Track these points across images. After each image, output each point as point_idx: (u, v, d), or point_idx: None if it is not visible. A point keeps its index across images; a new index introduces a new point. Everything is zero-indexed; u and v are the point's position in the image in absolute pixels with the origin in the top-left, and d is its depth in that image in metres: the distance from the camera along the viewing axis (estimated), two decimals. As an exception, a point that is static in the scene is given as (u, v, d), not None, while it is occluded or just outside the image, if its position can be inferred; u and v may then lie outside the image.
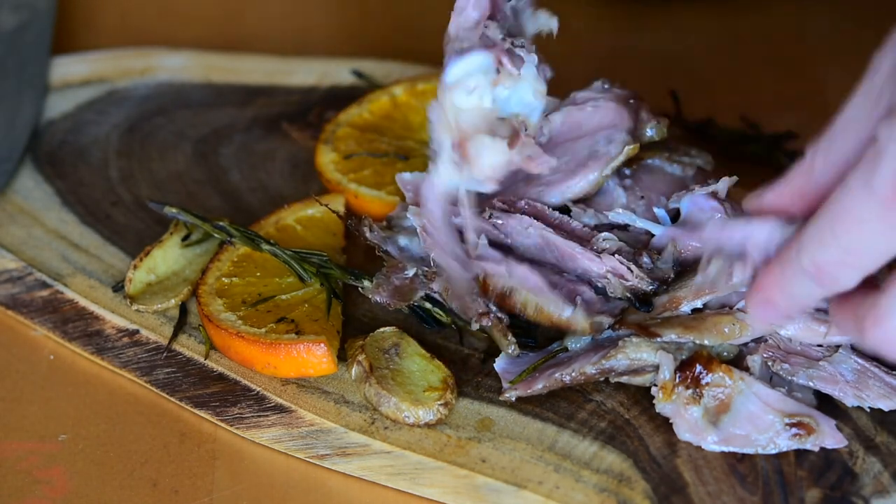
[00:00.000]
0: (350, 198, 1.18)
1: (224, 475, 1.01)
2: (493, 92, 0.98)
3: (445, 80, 0.99)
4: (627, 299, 1.02)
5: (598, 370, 1.00)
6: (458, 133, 0.98)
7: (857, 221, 0.83)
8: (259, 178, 1.24)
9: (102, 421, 1.05)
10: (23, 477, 1.01)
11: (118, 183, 1.24)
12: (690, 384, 0.98)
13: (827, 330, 0.99)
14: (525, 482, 0.97)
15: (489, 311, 1.03)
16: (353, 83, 1.33)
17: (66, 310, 1.12)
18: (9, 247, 1.17)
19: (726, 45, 1.43)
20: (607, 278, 1.02)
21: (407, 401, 1.00)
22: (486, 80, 0.98)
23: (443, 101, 0.99)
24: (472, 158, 0.98)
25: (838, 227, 0.84)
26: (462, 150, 0.98)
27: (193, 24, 1.43)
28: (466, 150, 0.98)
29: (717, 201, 1.04)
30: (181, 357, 1.08)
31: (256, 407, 1.04)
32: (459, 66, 0.99)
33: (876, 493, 0.95)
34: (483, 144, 0.98)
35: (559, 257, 1.04)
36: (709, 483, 0.96)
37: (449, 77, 0.99)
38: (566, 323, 1.01)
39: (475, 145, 0.98)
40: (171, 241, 1.14)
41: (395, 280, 1.06)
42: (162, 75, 1.35)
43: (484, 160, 0.98)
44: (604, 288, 1.03)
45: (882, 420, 1.00)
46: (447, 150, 0.99)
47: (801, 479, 0.96)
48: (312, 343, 1.03)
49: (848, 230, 0.84)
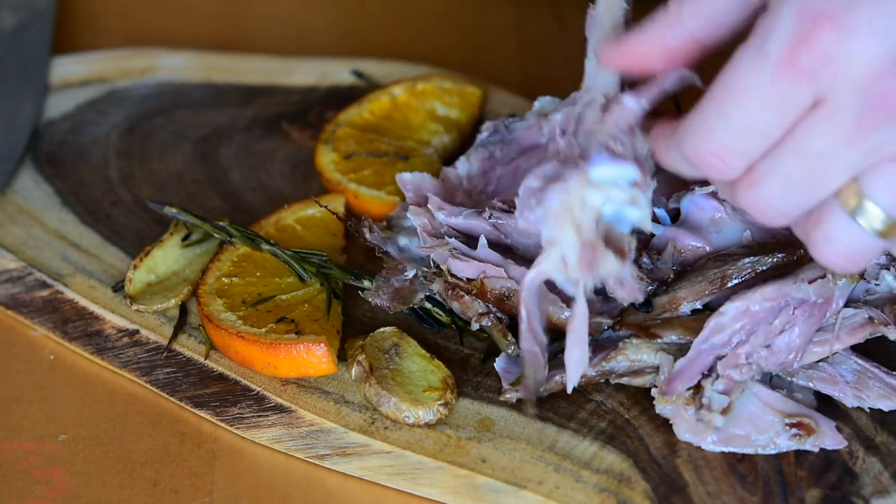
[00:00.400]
0: (350, 198, 1.18)
1: (224, 475, 1.01)
2: (621, 206, 0.93)
3: (590, 175, 0.92)
4: (627, 299, 1.02)
5: (598, 372, 1.00)
6: (584, 235, 0.92)
7: (749, 95, 0.80)
8: (259, 178, 1.24)
9: (102, 421, 1.05)
10: (23, 477, 1.01)
11: (118, 183, 1.24)
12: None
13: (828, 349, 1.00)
14: (525, 482, 0.97)
15: (489, 312, 1.03)
16: (353, 83, 1.33)
17: (66, 310, 1.12)
18: (9, 247, 1.17)
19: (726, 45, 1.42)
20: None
21: (407, 401, 1.00)
22: (625, 194, 0.92)
23: (574, 191, 0.93)
24: (592, 266, 0.93)
25: (729, 104, 0.81)
26: (587, 255, 0.92)
27: (193, 24, 1.43)
28: (592, 257, 0.92)
29: (717, 201, 1.04)
30: (181, 357, 1.08)
31: (256, 407, 1.04)
32: (610, 170, 0.93)
33: (876, 493, 0.95)
34: (607, 258, 0.92)
35: (559, 257, 1.04)
36: (709, 483, 0.96)
37: (595, 175, 0.92)
38: (565, 324, 1.01)
39: (601, 257, 0.92)
40: (171, 241, 1.14)
41: (395, 282, 1.06)
42: (162, 75, 1.35)
43: (601, 271, 0.93)
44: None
45: (882, 420, 1.00)
46: (569, 247, 0.93)
47: (801, 479, 0.96)
48: (312, 343, 1.03)
49: (739, 106, 0.81)
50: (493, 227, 1.06)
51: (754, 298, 0.97)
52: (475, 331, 1.05)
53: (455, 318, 1.07)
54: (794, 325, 0.98)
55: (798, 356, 0.98)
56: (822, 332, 0.99)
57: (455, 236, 1.06)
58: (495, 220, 1.05)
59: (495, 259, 1.03)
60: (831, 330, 0.99)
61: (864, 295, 1.02)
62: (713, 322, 0.97)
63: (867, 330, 1.00)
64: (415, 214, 1.07)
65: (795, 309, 0.97)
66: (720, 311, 0.97)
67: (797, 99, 0.81)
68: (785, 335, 0.98)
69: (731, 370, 0.97)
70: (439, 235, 1.06)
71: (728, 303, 0.97)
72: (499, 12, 1.46)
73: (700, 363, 0.98)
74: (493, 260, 1.03)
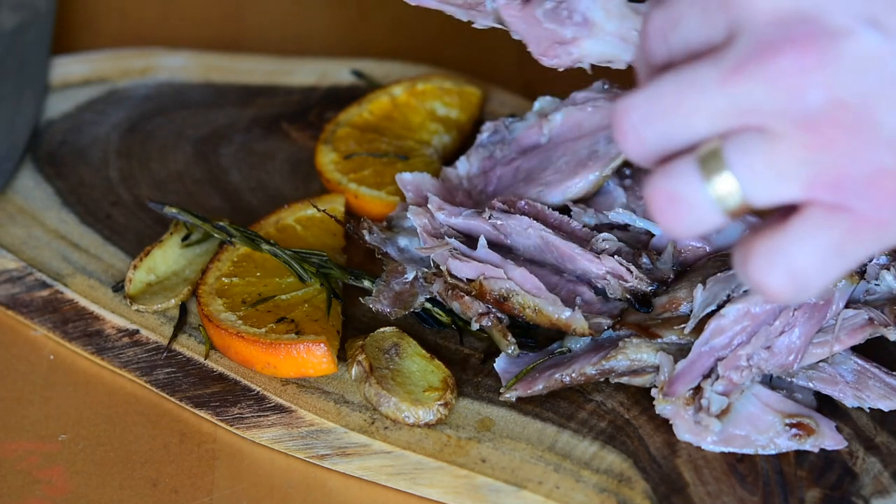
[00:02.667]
0: (350, 198, 1.18)
1: (224, 475, 1.01)
2: None
3: None
4: (627, 300, 1.02)
5: (598, 371, 1.00)
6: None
7: (696, 89, 0.76)
8: (259, 178, 1.24)
9: (102, 421, 1.05)
10: (23, 477, 1.01)
11: (118, 183, 1.24)
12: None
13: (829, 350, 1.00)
14: (525, 482, 0.97)
15: (489, 312, 1.03)
16: (353, 83, 1.33)
17: (66, 310, 1.12)
18: (9, 247, 1.17)
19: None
20: (606, 279, 1.02)
21: (407, 401, 1.00)
22: None
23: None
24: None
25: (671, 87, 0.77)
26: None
27: (193, 24, 1.43)
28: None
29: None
30: (181, 357, 1.08)
31: (256, 407, 1.04)
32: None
33: (876, 493, 0.95)
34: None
35: (558, 258, 1.04)
36: (709, 483, 0.96)
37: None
38: (565, 324, 1.01)
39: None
40: (171, 241, 1.14)
41: (396, 286, 1.06)
42: (162, 75, 1.35)
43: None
44: (603, 289, 1.03)
45: (882, 420, 1.00)
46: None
47: (801, 479, 0.96)
48: (312, 343, 1.03)
49: (681, 92, 0.77)
50: (493, 228, 1.06)
51: (755, 300, 0.97)
52: (475, 331, 1.05)
53: (455, 318, 1.07)
54: (795, 327, 0.98)
55: (798, 357, 0.98)
56: (823, 334, 0.99)
57: (455, 236, 1.06)
58: (495, 221, 1.05)
59: (495, 259, 1.03)
60: (831, 331, 0.99)
61: (864, 296, 1.02)
62: (714, 324, 0.97)
63: (867, 331, 1.00)
64: (415, 214, 1.07)
65: (796, 310, 0.98)
66: (721, 314, 0.97)
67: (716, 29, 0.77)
68: (785, 336, 0.98)
69: (731, 371, 0.97)
70: (439, 236, 1.06)
71: (728, 305, 0.97)
72: (499, 12, 1.46)
73: (701, 365, 0.98)
74: (493, 260, 1.03)
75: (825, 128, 0.74)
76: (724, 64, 0.76)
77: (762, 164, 0.76)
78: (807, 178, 0.75)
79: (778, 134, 0.75)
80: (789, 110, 0.75)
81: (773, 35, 0.75)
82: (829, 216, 0.76)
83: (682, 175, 0.77)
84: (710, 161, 0.77)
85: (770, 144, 0.75)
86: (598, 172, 1.08)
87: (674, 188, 0.78)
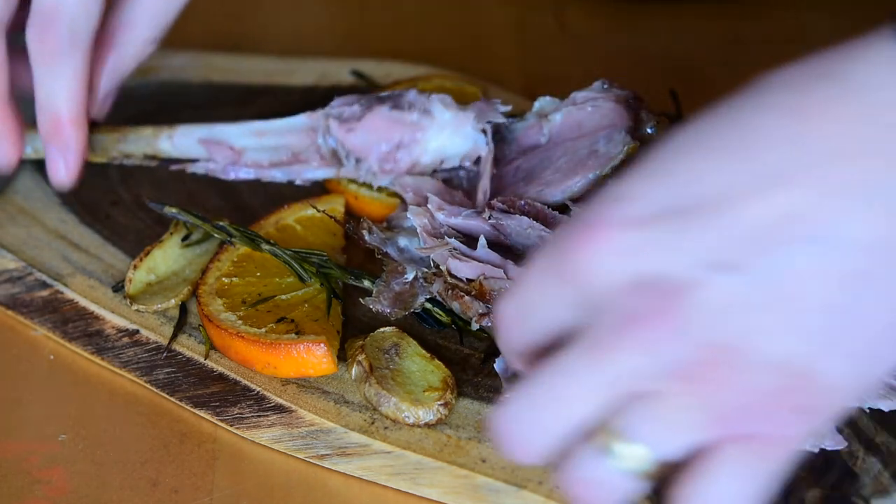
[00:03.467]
0: (350, 199, 1.18)
1: (224, 475, 1.01)
2: None
3: None
4: (627, 299, 1.02)
5: (598, 370, 1.00)
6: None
7: (569, 380, 0.77)
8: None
9: (102, 421, 1.05)
10: (23, 477, 1.01)
11: (118, 183, 1.24)
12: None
13: None
14: (525, 482, 0.97)
15: (489, 312, 1.03)
16: (353, 83, 1.33)
17: (66, 310, 1.12)
18: (9, 247, 1.17)
19: (726, 45, 1.43)
20: (607, 278, 1.02)
21: (407, 401, 1.00)
22: None
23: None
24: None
25: (542, 388, 0.78)
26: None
27: (193, 24, 1.43)
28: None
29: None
30: (181, 357, 1.08)
31: (256, 407, 1.04)
32: None
33: (876, 493, 0.95)
34: None
35: (559, 257, 1.04)
36: (709, 483, 0.96)
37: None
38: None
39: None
40: (171, 241, 1.14)
41: (395, 286, 1.06)
42: (162, 75, 1.35)
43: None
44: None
45: (882, 420, 1.00)
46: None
47: (801, 479, 0.96)
48: (312, 343, 1.03)
49: (554, 388, 0.77)
50: (493, 228, 1.06)
51: None
52: (475, 331, 1.05)
53: (455, 318, 1.07)
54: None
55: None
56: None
57: (455, 236, 1.06)
58: (495, 221, 1.06)
59: (495, 259, 1.03)
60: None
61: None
62: None
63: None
64: (415, 215, 1.08)
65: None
66: None
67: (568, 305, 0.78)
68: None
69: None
70: (439, 236, 1.06)
71: None
72: (499, 12, 1.46)
73: None
74: (493, 260, 1.03)
75: (702, 373, 0.75)
76: (588, 346, 0.76)
77: (659, 425, 0.76)
78: (703, 421, 0.76)
79: (661, 392, 0.76)
80: (663, 370, 0.75)
81: (626, 305, 0.75)
82: (739, 447, 0.77)
83: (588, 459, 0.78)
84: (611, 439, 0.77)
85: (658, 403, 0.76)
86: (598, 172, 1.08)
87: (585, 475, 0.78)
